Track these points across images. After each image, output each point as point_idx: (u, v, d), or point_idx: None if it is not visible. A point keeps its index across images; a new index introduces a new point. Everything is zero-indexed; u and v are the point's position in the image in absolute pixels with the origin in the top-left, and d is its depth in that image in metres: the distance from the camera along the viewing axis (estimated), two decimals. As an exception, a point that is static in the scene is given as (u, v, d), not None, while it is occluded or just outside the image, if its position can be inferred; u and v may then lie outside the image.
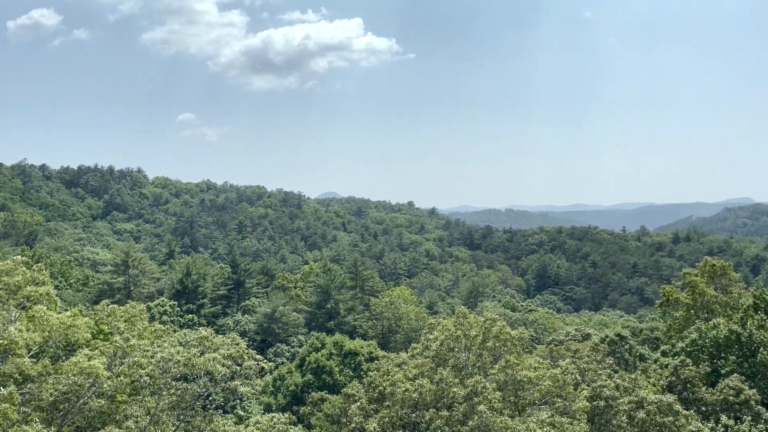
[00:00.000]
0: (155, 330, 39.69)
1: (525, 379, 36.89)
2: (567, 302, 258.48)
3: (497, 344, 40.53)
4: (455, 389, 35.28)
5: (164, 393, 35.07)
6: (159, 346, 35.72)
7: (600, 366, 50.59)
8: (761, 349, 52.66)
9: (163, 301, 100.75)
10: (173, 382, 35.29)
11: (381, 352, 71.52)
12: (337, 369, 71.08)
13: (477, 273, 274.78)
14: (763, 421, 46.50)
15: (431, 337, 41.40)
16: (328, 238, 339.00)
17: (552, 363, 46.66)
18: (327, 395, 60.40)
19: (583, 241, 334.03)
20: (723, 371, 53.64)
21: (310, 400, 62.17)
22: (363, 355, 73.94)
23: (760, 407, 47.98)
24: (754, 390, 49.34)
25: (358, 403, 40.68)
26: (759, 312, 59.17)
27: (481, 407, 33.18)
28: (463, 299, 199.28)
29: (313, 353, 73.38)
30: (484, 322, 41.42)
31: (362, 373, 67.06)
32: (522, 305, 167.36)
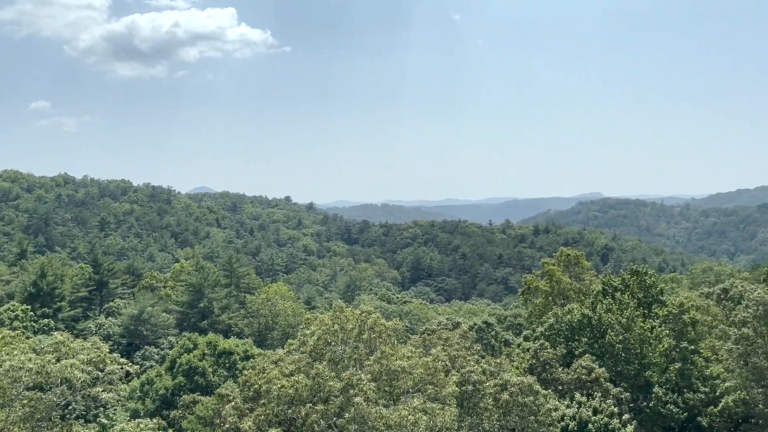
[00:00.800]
0: (3, 337, 36.26)
1: (399, 369, 37.98)
2: (439, 293, 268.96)
3: (373, 336, 41.36)
4: (331, 383, 35.56)
5: (16, 405, 32.18)
6: (8, 354, 32.68)
7: (469, 352, 53.29)
8: (609, 330, 58.14)
9: (13, 305, 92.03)
10: (26, 392, 32.47)
11: (257, 350, 70.30)
12: (210, 370, 68.94)
13: (354, 267, 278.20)
14: (611, 396, 51.43)
15: (308, 332, 41.38)
16: (200, 234, 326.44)
17: (425, 352, 48.43)
18: (200, 397, 58.43)
19: (454, 234, 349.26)
20: (577, 352, 58.60)
21: (182, 403, 59.83)
22: (238, 354, 72.29)
23: (608, 384, 53.00)
24: (603, 368, 54.39)
25: (233, 402, 39.78)
26: (607, 297, 65.17)
27: (357, 399, 33.74)
28: (341, 293, 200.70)
29: (185, 354, 70.59)
30: (360, 315, 42.09)
31: (237, 372, 65.56)
32: (397, 297, 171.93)
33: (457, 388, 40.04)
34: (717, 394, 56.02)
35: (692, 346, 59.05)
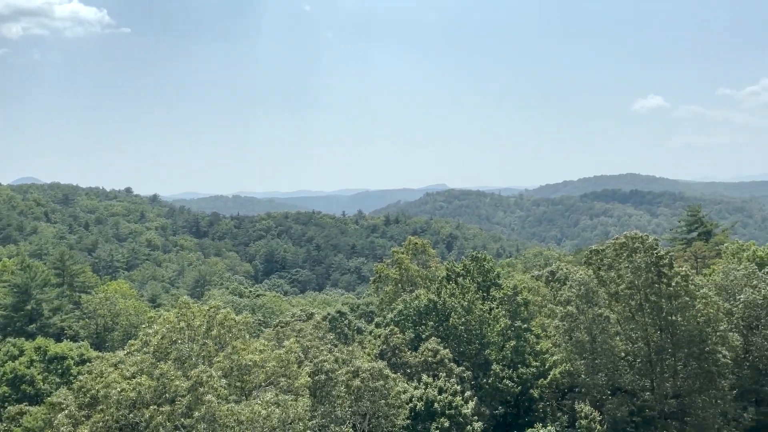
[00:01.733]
0: None
1: (251, 363, 37.38)
2: (294, 285, 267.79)
3: (222, 331, 40.26)
4: (178, 382, 34.10)
5: None
6: None
7: (322, 342, 53.77)
8: (452, 314, 61.70)
9: None
10: None
11: (95, 353, 65.31)
12: (40, 377, 63.00)
13: (204, 261, 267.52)
14: (455, 375, 54.66)
15: (151, 331, 39.25)
16: (26, 230, 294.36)
17: (278, 344, 48.09)
18: (27, 407, 53.23)
19: (308, 225, 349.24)
20: (424, 336, 61.52)
21: (6, 415, 54.11)
22: (72, 359, 66.74)
23: (452, 364, 56.27)
24: (448, 350, 57.65)
25: (66, 411, 36.66)
26: (451, 282, 69.02)
27: (208, 397, 32.72)
28: (190, 289, 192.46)
29: (9, 362, 63.82)
30: (209, 310, 40.75)
31: (72, 378, 60.53)
32: (250, 291, 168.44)
33: (309, 379, 40.28)
34: (546, 367, 61.80)
35: (525, 325, 64.53)
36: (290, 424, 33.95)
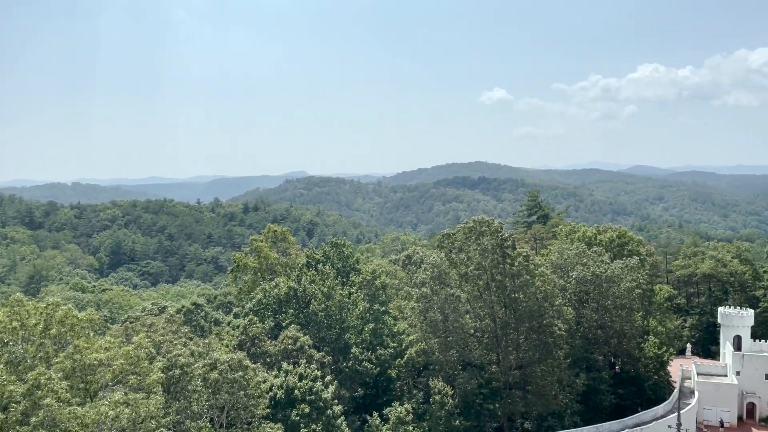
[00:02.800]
0: None
1: (96, 362, 34.93)
2: (144, 277, 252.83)
3: (63, 330, 37.15)
4: (12, 387, 31.00)
5: None
6: None
7: (176, 336, 51.51)
8: (313, 300, 61.95)
9: None
10: None
11: None
12: None
13: (39, 255, 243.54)
14: (315, 361, 55.03)
15: (-24, 333, 35.18)
16: None
17: (126, 341, 45.33)
18: None
19: (159, 214, 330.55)
20: (284, 324, 61.21)
21: None
22: None
23: (312, 350, 56.58)
24: (308, 336, 57.89)
25: None
26: (311, 269, 69.19)
27: (47, 400, 30.11)
28: (23, 286, 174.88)
29: None
30: (46, 308, 37.39)
31: None
32: (94, 285, 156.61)
33: (163, 374, 38.49)
34: (403, 347, 64.27)
35: (383, 308, 66.55)
36: (141, 423, 32.28)
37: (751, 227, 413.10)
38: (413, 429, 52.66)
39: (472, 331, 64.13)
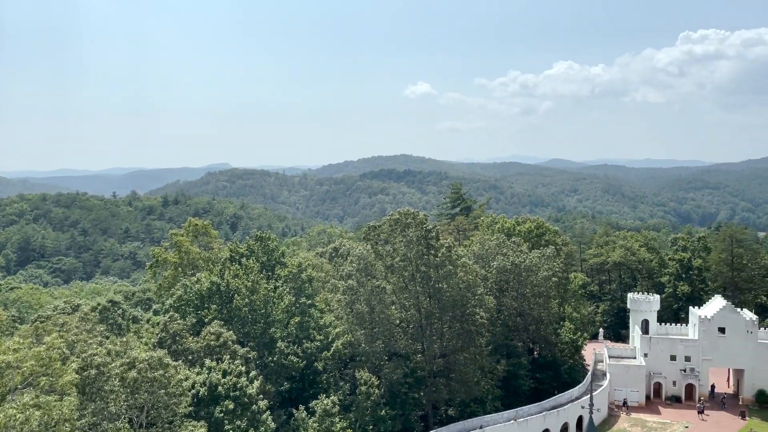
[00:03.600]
0: None
1: (3, 365, 32.95)
2: (56, 275, 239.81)
3: (-36, 332, 34.77)
4: None
5: None
6: None
7: (91, 335, 49.34)
8: (236, 295, 60.85)
9: None
10: None
11: None
12: None
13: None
14: (239, 357, 54.13)
15: None
16: None
17: (37, 341, 42.99)
18: None
19: (72, 208, 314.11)
20: (207, 319, 59.79)
21: None
22: None
23: (236, 346, 55.62)
24: (231, 332, 56.85)
25: None
26: (234, 263, 67.90)
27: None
28: None
29: None
30: (-56, 309, 34.85)
31: None
32: (1, 284, 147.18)
33: (77, 375, 36.80)
34: (330, 340, 64.30)
35: (309, 301, 66.30)
36: (54, 426, 30.78)
37: (657, 218, 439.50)
38: (339, 421, 52.89)
39: (398, 321, 65.01)
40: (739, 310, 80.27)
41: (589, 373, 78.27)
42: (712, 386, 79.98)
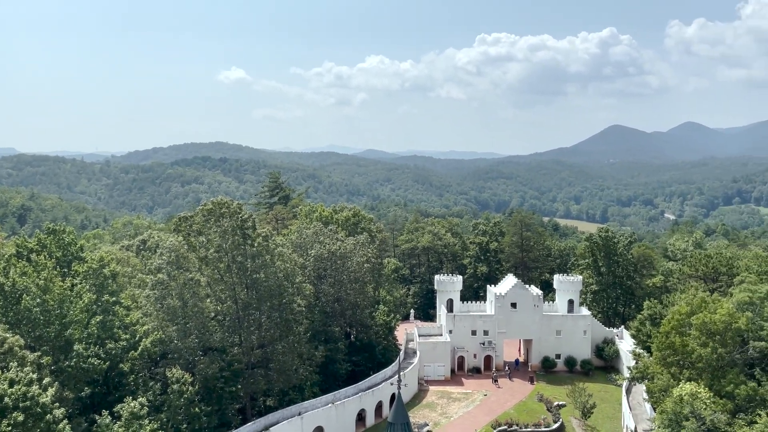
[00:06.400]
0: None
1: None
2: None
3: None
4: None
5: None
6: None
7: None
8: (25, 295, 54.18)
9: None
10: None
11: None
12: None
13: None
14: (29, 363, 48.32)
15: None
16: None
17: None
18: None
19: None
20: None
21: None
22: None
23: (25, 351, 49.56)
24: (18, 336, 50.51)
25: None
26: (22, 260, 60.43)
27: None
28: None
29: None
30: None
31: None
32: None
33: None
34: (137, 338, 60.11)
35: (113, 298, 61.20)
36: None
37: (460, 205, 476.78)
38: (149, 423, 49.80)
39: (213, 314, 62.96)
40: (527, 286, 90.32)
41: (402, 352, 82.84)
42: (517, 360, 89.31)
